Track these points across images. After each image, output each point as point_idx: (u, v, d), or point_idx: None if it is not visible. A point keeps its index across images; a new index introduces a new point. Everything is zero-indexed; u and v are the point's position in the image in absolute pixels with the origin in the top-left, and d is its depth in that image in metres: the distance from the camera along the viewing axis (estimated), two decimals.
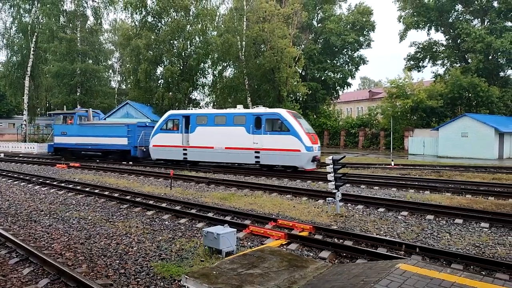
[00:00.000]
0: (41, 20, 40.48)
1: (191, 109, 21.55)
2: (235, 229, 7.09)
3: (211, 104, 45.56)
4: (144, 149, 23.02)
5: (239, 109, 20.39)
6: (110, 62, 59.67)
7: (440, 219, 9.39)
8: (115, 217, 9.84)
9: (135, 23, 36.93)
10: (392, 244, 7.22)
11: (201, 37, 35.96)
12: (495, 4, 38.65)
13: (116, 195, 12.67)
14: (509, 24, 38.80)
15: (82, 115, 26.18)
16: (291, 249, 7.15)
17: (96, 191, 13.35)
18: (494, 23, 37.54)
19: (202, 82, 39.84)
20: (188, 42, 35.49)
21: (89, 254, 6.91)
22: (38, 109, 50.26)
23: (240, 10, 37.05)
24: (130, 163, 23.51)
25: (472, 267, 6.26)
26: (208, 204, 11.21)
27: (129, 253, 6.96)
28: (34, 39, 39.98)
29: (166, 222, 9.29)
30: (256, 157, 18.74)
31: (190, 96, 38.40)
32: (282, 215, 9.91)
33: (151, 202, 11.49)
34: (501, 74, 39.88)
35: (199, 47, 35.71)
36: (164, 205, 11.03)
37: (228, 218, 9.42)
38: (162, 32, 35.00)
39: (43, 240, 7.75)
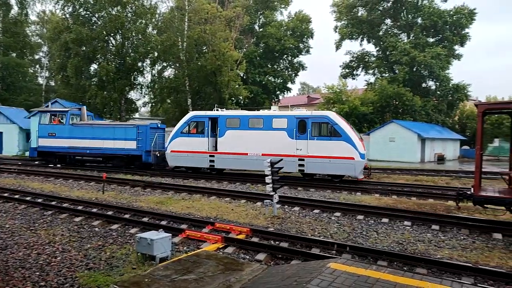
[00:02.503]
0: None
1: (217, 110, 19.06)
2: (170, 234, 6.88)
3: (149, 105, 44.20)
4: (158, 154, 20.27)
5: (277, 111, 18.70)
6: (37, 57, 54.88)
7: (369, 218, 9.97)
8: (37, 224, 9.03)
9: (66, 15, 34.47)
10: (325, 244, 7.51)
11: (140, 35, 34.57)
12: (419, 20, 42.44)
13: (39, 200, 11.68)
14: (430, 40, 42.85)
15: (75, 113, 22.67)
16: (227, 252, 7.10)
17: (16, 196, 12.19)
18: (418, 38, 41.19)
19: (140, 81, 38.40)
20: (126, 40, 33.93)
21: (5, 266, 6.25)
22: None
23: (181, 10, 36.35)
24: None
25: (395, 263, 6.72)
26: (143, 208, 10.78)
27: (52, 264, 6.41)
28: None
29: (96, 229, 8.73)
30: (300, 165, 16.78)
31: (127, 95, 36.73)
32: (220, 218, 9.84)
33: (80, 207, 10.75)
34: (424, 85, 43.74)
35: (138, 45, 34.30)
36: (94, 210, 10.38)
37: (164, 223, 9.12)
38: (97, 27, 33.07)
39: None
